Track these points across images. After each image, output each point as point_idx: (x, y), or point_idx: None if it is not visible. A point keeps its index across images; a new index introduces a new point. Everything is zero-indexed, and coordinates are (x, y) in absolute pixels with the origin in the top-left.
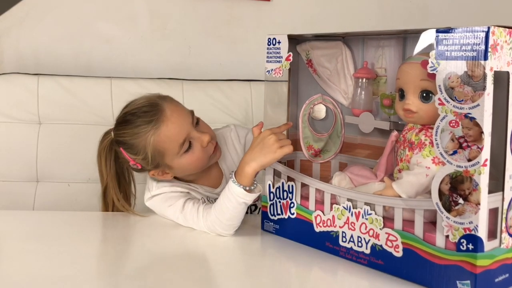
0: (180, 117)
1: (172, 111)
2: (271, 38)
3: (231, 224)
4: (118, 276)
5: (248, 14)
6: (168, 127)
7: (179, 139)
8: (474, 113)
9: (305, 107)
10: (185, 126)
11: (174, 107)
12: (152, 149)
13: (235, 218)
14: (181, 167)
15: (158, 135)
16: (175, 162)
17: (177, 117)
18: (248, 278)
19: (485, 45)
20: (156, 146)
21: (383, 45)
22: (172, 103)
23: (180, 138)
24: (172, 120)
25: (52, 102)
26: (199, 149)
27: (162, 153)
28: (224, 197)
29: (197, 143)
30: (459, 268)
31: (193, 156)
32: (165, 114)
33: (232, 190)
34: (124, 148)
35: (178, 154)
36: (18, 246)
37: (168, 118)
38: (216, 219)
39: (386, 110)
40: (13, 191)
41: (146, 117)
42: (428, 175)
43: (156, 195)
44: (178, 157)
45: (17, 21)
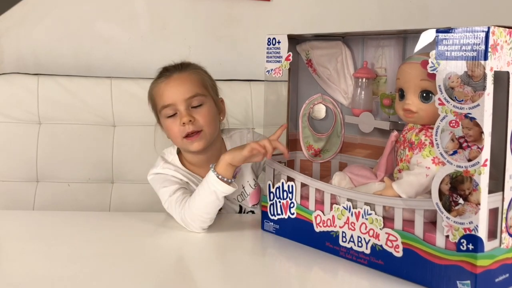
0: (177, 87)
1: (176, 80)
2: (271, 38)
3: (198, 214)
4: (118, 276)
5: (248, 14)
6: (163, 86)
7: (164, 101)
8: (474, 113)
9: (305, 107)
10: (175, 96)
11: (183, 77)
12: (150, 96)
13: (202, 208)
14: (165, 129)
15: (155, 88)
16: (162, 121)
17: (174, 85)
18: (248, 278)
19: (485, 45)
20: (152, 97)
21: (383, 45)
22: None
23: (165, 101)
24: (170, 84)
25: (52, 102)
26: (176, 124)
27: (154, 105)
28: (200, 185)
29: (178, 119)
30: (459, 268)
31: (171, 125)
32: (169, 78)
33: (208, 176)
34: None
35: (161, 114)
36: (18, 246)
37: (169, 81)
38: (187, 207)
39: (386, 110)
40: (13, 191)
41: (163, 71)
42: (428, 175)
43: (158, 173)
44: (163, 117)
45: (17, 21)
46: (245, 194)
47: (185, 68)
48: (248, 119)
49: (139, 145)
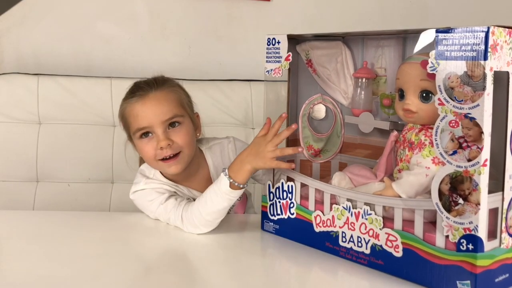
0: (153, 108)
1: (152, 100)
2: (270, 38)
3: (209, 220)
4: (118, 276)
5: (248, 14)
6: (137, 107)
7: (139, 124)
8: (474, 113)
9: (305, 107)
10: (151, 118)
11: (160, 96)
12: (122, 116)
13: (214, 214)
14: (138, 150)
15: (129, 107)
16: (135, 141)
17: (151, 106)
18: (248, 278)
19: (485, 45)
20: (124, 116)
21: (383, 45)
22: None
23: (140, 124)
24: (146, 105)
25: (52, 102)
26: (151, 146)
27: (127, 126)
28: (210, 190)
29: (154, 141)
30: (459, 268)
31: (145, 147)
32: (145, 97)
33: (220, 183)
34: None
35: (134, 135)
36: (18, 246)
37: (145, 101)
38: (196, 211)
39: (385, 110)
40: (13, 191)
41: (136, 88)
42: (428, 175)
43: (142, 189)
44: (136, 138)
45: (17, 21)
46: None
47: (161, 86)
48: (248, 119)
49: None
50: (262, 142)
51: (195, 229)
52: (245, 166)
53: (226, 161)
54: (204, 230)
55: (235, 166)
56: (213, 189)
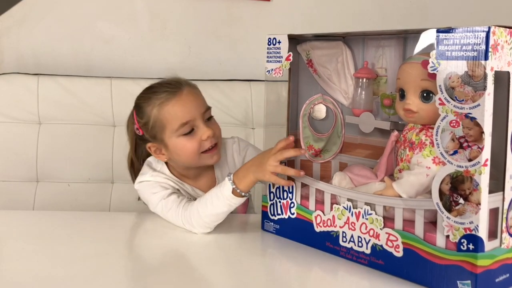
0: (193, 101)
1: (189, 94)
2: (271, 38)
3: (207, 222)
4: (118, 276)
5: (248, 14)
6: (177, 103)
7: (183, 119)
8: (475, 113)
9: (305, 107)
10: (193, 111)
11: (193, 91)
12: (155, 117)
13: (213, 217)
14: (175, 149)
15: (165, 106)
16: (171, 141)
17: (189, 100)
18: (248, 278)
19: (485, 45)
20: (160, 116)
21: (383, 45)
22: (194, 89)
23: (184, 118)
24: (184, 100)
25: (52, 102)
26: (196, 140)
27: (162, 126)
28: (212, 193)
29: (198, 134)
30: (459, 268)
31: (189, 143)
32: (180, 93)
33: (223, 188)
34: (135, 110)
35: (176, 133)
36: (18, 246)
37: (182, 97)
38: (195, 211)
39: (386, 110)
40: (13, 191)
41: (165, 87)
42: (428, 175)
43: (148, 181)
44: (175, 137)
45: (17, 21)
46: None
47: (188, 82)
48: (248, 119)
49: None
50: (266, 155)
51: (192, 229)
52: (249, 175)
53: (230, 161)
54: (200, 231)
55: (240, 173)
56: (215, 192)
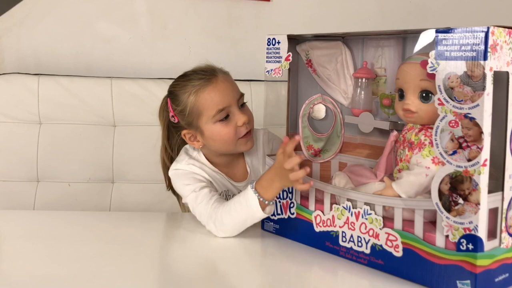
0: (228, 88)
1: (224, 80)
2: (270, 38)
3: (229, 229)
4: (118, 276)
5: (248, 14)
6: (214, 89)
7: (219, 105)
8: (474, 113)
9: (305, 107)
10: (229, 98)
11: (227, 78)
12: (192, 104)
13: (236, 225)
14: (211, 136)
15: (202, 93)
16: (207, 127)
17: (225, 87)
18: (248, 278)
19: (484, 45)
20: (196, 103)
21: (382, 45)
22: (228, 77)
23: (221, 104)
24: (220, 86)
25: (52, 102)
26: (233, 126)
27: (199, 112)
28: (236, 202)
29: (234, 120)
30: (459, 268)
31: (225, 129)
32: (216, 80)
33: (248, 198)
34: (170, 98)
35: (212, 119)
36: (18, 246)
37: (218, 83)
38: (220, 218)
39: (385, 110)
40: (13, 191)
41: (200, 75)
42: (428, 175)
43: (182, 169)
44: (211, 123)
45: (17, 21)
46: None
47: (221, 70)
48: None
49: (139, 145)
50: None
51: (216, 232)
52: (274, 184)
53: (260, 151)
54: (222, 235)
55: (264, 182)
56: (239, 200)
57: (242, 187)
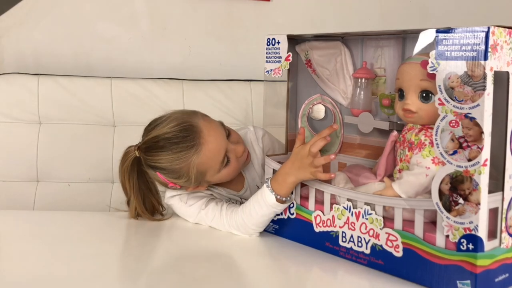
0: (217, 134)
1: (209, 130)
2: (270, 38)
3: (256, 228)
4: (118, 276)
5: (248, 14)
6: (209, 147)
7: (220, 157)
8: (474, 113)
9: (304, 107)
10: (223, 143)
11: (208, 124)
12: (196, 172)
13: (261, 224)
14: (219, 180)
15: (200, 158)
16: (215, 177)
17: (214, 136)
18: (248, 278)
19: (485, 45)
20: (199, 168)
21: (382, 45)
22: (205, 119)
23: (220, 155)
24: (211, 140)
25: (52, 102)
26: (235, 160)
27: (204, 173)
28: (254, 202)
29: (233, 155)
30: (459, 268)
31: (231, 168)
32: (203, 136)
33: (265, 197)
34: (162, 173)
35: (218, 171)
36: (18, 246)
37: (207, 139)
38: (242, 222)
39: (385, 110)
40: (13, 191)
41: (185, 142)
42: (428, 175)
43: (179, 194)
44: (217, 173)
45: (17, 21)
46: None
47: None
48: (248, 119)
49: None
50: (302, 156)
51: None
52: (289, 178)
53: (252, 152)
54: (255, 234)
55: (279, 177)
56: (257, 200)
57: (242, 194)
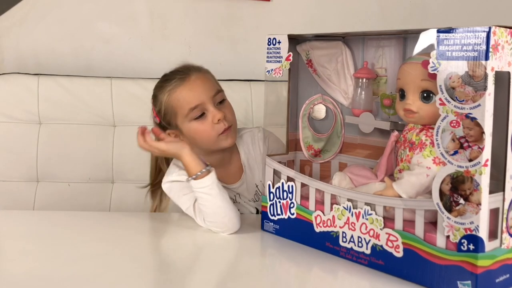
0: (200, 86)
1: (196, 79)
2: (271, 38)
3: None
4: (118, 276)
5: (248, 14)
6: (185, 89)
7: (191, 103)
8: (475, 113)
9: (305, 107)
10: (201, 95)
11: (201, 76)
12: (166, 104)
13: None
14: (190, 134)
15: (174, 93)
16: (184, 126)
17: (197, 85)
18: (248, 278)
19: (486, 45)
20: (170, 103)
21: (383, 45)
22: (203, 74)
23: (192, 103)
24: (191, 85)
25: (52, 102)
26: (208, 123)
27: (174, 112)
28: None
29: (209, 117)
30: (459, 268)
31: (201, 126)
32: (188, 79)
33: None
34: (152, 100)
35: (187, 118)
36: (18, 246)
37: (189, 82)
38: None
39: (386, 110)
40: (13, 191)
41: (173, 75)
42: (428, 175)
43: (175, 181)
44: (187, 122)
45: (17, 21)
46: (259, 193)
47: (197, 69)
48: (248, 119)
49: None
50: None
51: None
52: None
53: (257, 149)
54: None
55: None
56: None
57: (237, 188)
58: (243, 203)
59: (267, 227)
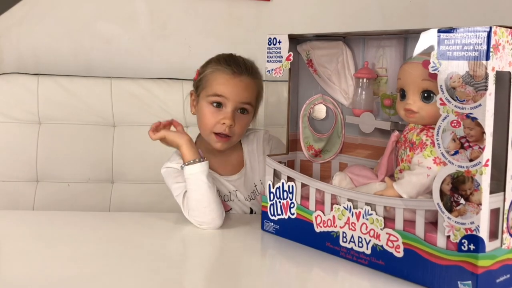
0: (239, 87)
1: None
2: (271, 37)
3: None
4: (118, 276)
5: (248, 14)
6: (225, 78)
7: (219, 91)
8: (476, 113)
9: (306, 107)
10: (232, 94)
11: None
12: (208, 75)
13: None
14: (199, 110)
15: (217, 73)
16: (202, 101)
17: (237, 85)
18: (248, 278)
19: (487, 45)
20: (208, 76)
21: (384, 45)
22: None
23: (220, 91)
24: (234, 81)
25: (52, 102)
26: (216, 117)
27: (205, 84)
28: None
29: (221, 114)
30: (460, 268)
31: (209, 113)
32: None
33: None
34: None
35: (208, 98)
36: (18, 246)
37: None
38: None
39: (386, 110)
40: (13, 191)
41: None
42: (429, 175)
43: (173, 167)
44: (205, 100)
45: (17, 21)
46: (257, 193)
47: (254, 74)
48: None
49: (139, 145)
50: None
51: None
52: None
53: (260, 149)
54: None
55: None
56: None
57: (234, 180)
58: (237, 201)
59: (267, 227)
